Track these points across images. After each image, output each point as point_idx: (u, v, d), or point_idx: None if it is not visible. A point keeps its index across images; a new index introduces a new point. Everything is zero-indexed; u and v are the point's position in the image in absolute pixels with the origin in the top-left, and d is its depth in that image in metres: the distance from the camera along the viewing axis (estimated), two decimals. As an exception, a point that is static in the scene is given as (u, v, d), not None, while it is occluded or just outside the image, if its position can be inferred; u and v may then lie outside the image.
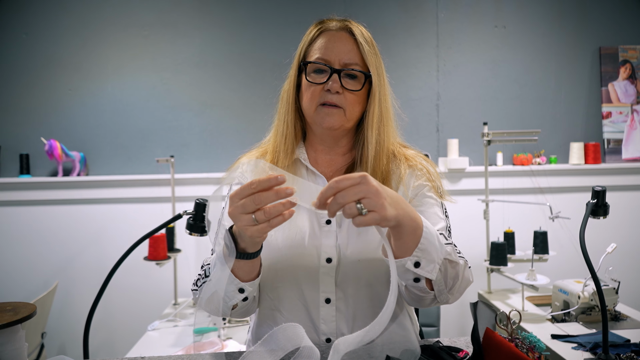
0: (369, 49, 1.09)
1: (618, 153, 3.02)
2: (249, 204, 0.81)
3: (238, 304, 1.02)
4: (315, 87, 1.09)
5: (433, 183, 1.15)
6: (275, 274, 1.11)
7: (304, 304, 1.10)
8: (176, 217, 1.17)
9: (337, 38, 1.10)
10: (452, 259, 0.95)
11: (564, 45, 3.03)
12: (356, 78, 1.09)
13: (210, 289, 1.01)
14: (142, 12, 2.90)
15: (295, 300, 1.11)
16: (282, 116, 1.16)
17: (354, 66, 1.09)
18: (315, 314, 1.10)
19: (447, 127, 3.00)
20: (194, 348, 1.85)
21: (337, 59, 1.08)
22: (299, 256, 1.09)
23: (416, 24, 2.97)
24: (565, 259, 2.83)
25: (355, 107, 1.10)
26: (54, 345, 2.88)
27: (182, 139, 2.93)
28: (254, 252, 0.93)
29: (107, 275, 1.07)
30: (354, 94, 1.09)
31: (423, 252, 0.89)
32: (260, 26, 2.93)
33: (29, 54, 2.87)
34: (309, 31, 1.15)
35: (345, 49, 1.09)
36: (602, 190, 1.19)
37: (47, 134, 2.86)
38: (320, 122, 1.09)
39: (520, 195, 2.96)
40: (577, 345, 1.77)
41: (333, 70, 1.07)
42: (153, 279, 2.86)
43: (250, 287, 0.99)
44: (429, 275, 0.91)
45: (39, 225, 2.87)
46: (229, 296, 1.00)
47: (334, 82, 1.07)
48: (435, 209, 1.12)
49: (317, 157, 1.19)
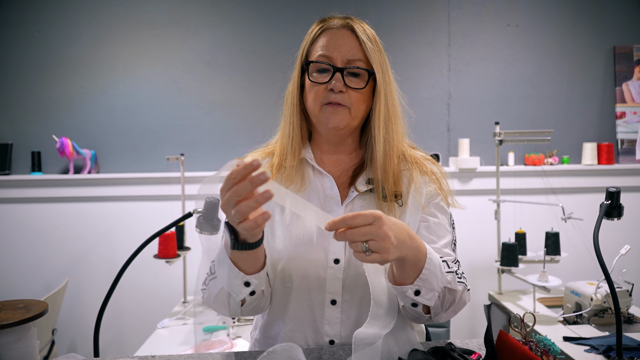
0: (372, 46, 1.07)
1: (632, 154, 2.98)
2: (232, 196, 0.79)
3: (246, 299, 1.00)
4: (318, 86, 1.07)
5: (444, 193, 1.14)
6: (283, 273, 1.10)
7: (310, 304, 1.09)
8: (186, 216, 1.16)
9: (339, 36, 1.08)
10: (451, 287, 0.98)
11: (577, 44, 2.99)
12: (359, 76, 1.07)
13: (216, 285, 1.01)
14: (153, 10, 2.91)
15: (301, 300, 1.09)
16: (288, 118, 1.15)
17: (356, 64, 1.06)
18: (319, 315, 1.09)
19: (458, 126, 2.98)
20: (203, 346, 1.85)
21: (339, 57, 1.06)
22: (306, 256, 1.08)
23: (427, 23, 2.96)
24: (577, 261, 2.80)
25: (360, 105, 1.08)
26: (64, 341, 2.90)
27: (193, 137, 2.94)
28: (255, 242, 0.91)
29: (118, 273, 1.07)
30: (358, 92, 1.07)
31: (424, 282, 0.92)
32: (271, 25, 2.92)
33: (41, 51, 2.89)
34: (310, 30, 1.13)
35: (348, 47, 1.07)
36: (617, 192, 1.17)
37: (58, 131, 2.88)
38: (325, 121, 1.07)
39: (531, 195, 2.93)
40: (590, 348, 1.74)
41: (335, 69, 1.05)
42: (163, 277, 2.87)
43: (255, 279, 0.98)
44: (428, 303, 0.95)
45: (50, 222, 2.89)
46: (236, 291, 0.98)
47: (337, 80, 1.05)
48: (444, 221, 1.13)
49: (323, 157, 1.17)
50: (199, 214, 1.14)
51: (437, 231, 1.10)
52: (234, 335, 2.11)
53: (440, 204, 1.14)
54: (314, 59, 1.08)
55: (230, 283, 0.96)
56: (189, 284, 2.79)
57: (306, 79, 1.10)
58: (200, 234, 1.08)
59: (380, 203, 1.08)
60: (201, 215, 1.14)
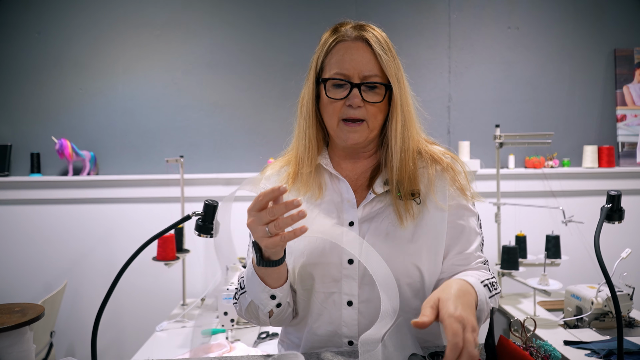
0: (387, 58, 1.08)
1: (633, 157, 2.97)
2: (264, 215, 0.89)
3: (273, 310, 1.07)
4: (336, 102, 1.07)
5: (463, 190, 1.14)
6: (301, 276, 1.12)
7: (327, 306, 1.11)
8: (185, 218, 1.15)
9: (354, 50, 1.07)
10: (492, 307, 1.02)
11: (578, 47, 2.98)
12: (376, 88, 1.07)
13: (246, 299, 1.10)
14: (153, 12, 2.90)
15: (320, 302, 1.11)
16: (303, 129, 1.15)
17: (373, 78, 1.07)
18: (337, 317, 1.10)
19: (459, 129, 2.97)
20: (202, 350, 1.84)
21: (355, 73, 1.06)
22: (321, 258, 1.09)
23: (428, 25, 2.95)
24: (577, 264, 2.79)
25: (377, 117, 1.09)
26: (63, 344, 2.89)
27: (192, 139, 2.93)
28: (278, 260, 0.99)
29: (116, 275, 1.06)
30: (375, 105, 1.08)
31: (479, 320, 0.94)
32: (271, 27, 2.92)
33: (41, 53, 2.89)
34: (324, 40, 1.12)
35: (363, 61, 1.06)
36: (618, 195, 1.16)
37: (58, 133, 2.87)
38: (344, 138, 1.09)
39: (532, 198, 2.92)
40: (591, 352, 1.73)
41: (353, 85, 1.06)
42: (161, 280, 2.87)
43: (280, 292, 1.04)
44: None
45: (49, 224, 2.88)
46: (263, 304, 1.05)
47: (354, 97, 1.05)
48: (473, 223, 1.14)
49: (340, 162, 1.19)
50: (198, 216, 1.13)
51: (469, 236, 1.12)
52: (233, 338, 2.10)
53: (467, 205, 1.14)
54: (329, 76, 1.08)
55: (258, 297, 1.05)
56: (188, 286, 2.78)
57: (322, 93, 1.10)
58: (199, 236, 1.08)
59: (397, 202, 1.09)
60: (200, 218, 1.14)
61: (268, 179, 1.23)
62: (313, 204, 1.13)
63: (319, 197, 1.14)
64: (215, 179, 2.87)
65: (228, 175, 2.87)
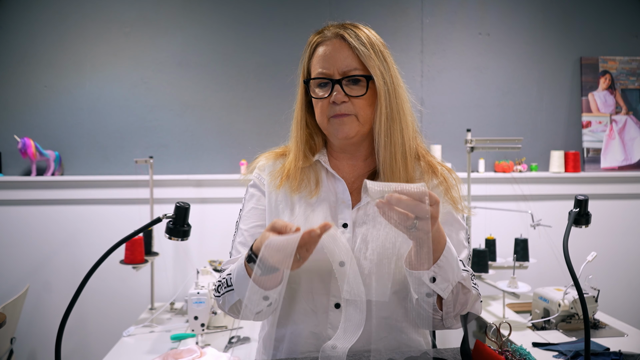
0: (366, 51, 1.08)
1: (597, 162, 3.05)
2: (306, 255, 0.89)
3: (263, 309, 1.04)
4: (322, 101, 1.10)
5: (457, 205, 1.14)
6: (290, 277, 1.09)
7: (313, 308, 1.10)
8: (156, 221, 1.12)
9: (332, 47, 1.10)
10: (465, 285, 1.00)
11: (546, 54, 3.05)
12: (359, 82, 1.09)
13: (233, 297, 1.07)
14: (123, 8, 2.83)
15: (306, 303, 1.10)
16: (294, 132, 1.19)
17: (353, 72, 1.08)
18: (323, 319, 1.09)
19: (430, 133, 2.99)
20: (171, 355, 1.79)
21: (335, 70, 1.08)
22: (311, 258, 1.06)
23: (401, 29, 2.97)
24: (545, 267, 2.84)
25: (366, 110, 1.10)
26: (24, 351, 2.79)
27: (162, 139, 2.87)
28: None
29: (83, 279, 1.02)
30: (361, 98, 1.08)
31: (440, 269, 0.93)
32: (244, 27, 2.89)
33: (3, 48, 2.78)
34: (307, 44, 1.15)
35: (341, 57, 1.08)
36: (585, 200, 1.19)
37: (20, 131, 2.77)
38: (335, 133, 1.10)
39: (502, 202, 2.97)
40: (559, 353, 1.77)
41: (334, 82, 1.08)
42: (129, 283, 2.79)
43: (274, 293, 1.01)
44: (442, 293, 0.95)
45: (11, 226, 2.77)
46: (254, 304, 1.01)
47: (337, 92, 1.07)
48: (461, 235, 1.15)
49: (338, 163, 1.19)
50: (168, 219, 1.10)
51: (456, 246, 1.12)
52: (203, 343, 2.06)
53: (457, 218, 1.15)
54: (313, 76, 1.11)
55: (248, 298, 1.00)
56: (157, 290, 2.72)
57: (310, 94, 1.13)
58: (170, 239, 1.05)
59: None
60: (171, 220, 1.11)
61: (262, 170, 1.23)
62: (308, 202, 1.13)
63: (314, 194, 1.14)
64: (186, 180, 2.82)
65: (199, 177, 2.82)
